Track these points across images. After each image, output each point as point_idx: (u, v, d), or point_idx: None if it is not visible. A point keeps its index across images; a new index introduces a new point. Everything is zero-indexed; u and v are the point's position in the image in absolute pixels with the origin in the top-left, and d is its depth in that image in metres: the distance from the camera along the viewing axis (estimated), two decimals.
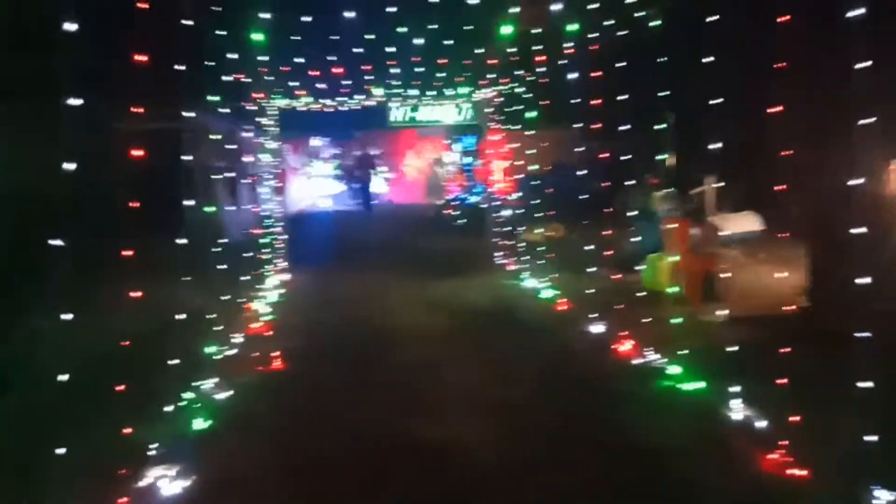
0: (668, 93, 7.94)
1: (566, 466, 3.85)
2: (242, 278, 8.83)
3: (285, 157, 21.14)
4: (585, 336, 6.60)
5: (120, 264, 4.64)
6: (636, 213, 9.45)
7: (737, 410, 4.44)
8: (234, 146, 13.73)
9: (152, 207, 5.19)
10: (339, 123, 20.83)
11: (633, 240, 9.54)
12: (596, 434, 4.25)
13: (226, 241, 12.41)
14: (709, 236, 8.63)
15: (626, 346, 6.04)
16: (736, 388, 4.53)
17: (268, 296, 9.08)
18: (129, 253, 4.59)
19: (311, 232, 15.56)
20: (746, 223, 10.26)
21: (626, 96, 8.44)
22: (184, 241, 5.87)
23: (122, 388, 4.29)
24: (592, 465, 3.85)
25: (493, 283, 9.49)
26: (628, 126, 9.43)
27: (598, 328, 6.75)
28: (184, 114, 10.43)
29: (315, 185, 23.47)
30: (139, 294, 4.89)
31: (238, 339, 6.78)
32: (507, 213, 12.71)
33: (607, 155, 14.05)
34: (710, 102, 6.49)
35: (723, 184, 10.35)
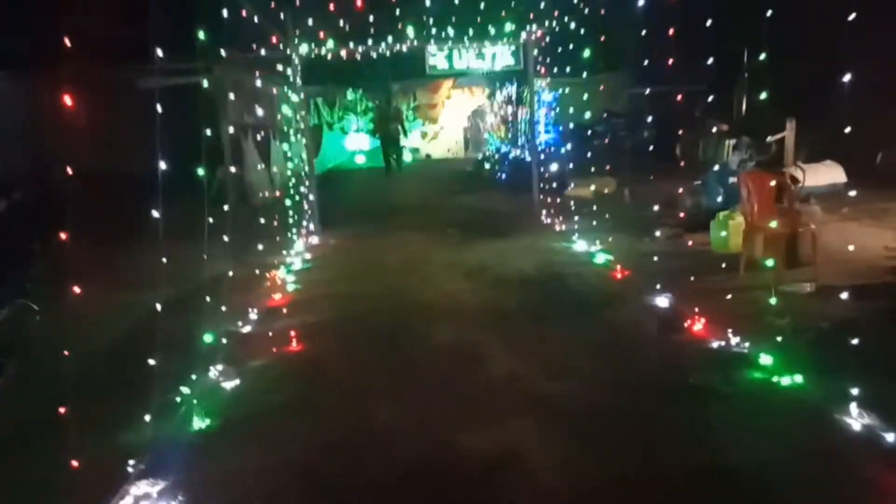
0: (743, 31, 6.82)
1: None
2: (263, 246, 8.16)
3: (312, 110, 20.33)
4: (650, 312, 5.68)
5: (139, 230, 4.46)
6: (703, 164, 8.33)
7: (855, 416, 3.54)
8: (259, 100, 13.01)
9: (176, 171, 4.89)
10: (372, 74, 19.84)
11: (698, 195, 8.46)
12: (683, 452, 3.41)
13: (254, 203, 11.80)
14: (791, 189, 7.52)
15: (699, 326, 5.12)
16: (848, 385, 3.63)
17: (293, 263, 8.40)
18: (153, 216, 4.37)
19: (343, 191, 14.82)
20: (829, 174, 9.03)
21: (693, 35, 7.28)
22: (207, 206, 5.28)
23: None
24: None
25: (541, 246, 8.57)
26: (699, 65, 8.35)
27: (663, 301, 5.83)
28: (206, 65, 9.73)
29: (348, 141, 22.64)
30: (151, 264, 4.55)
31: (254, 314, 6.12)
32: (553, 167, 11.69)
33: (674, 99, 12.83)
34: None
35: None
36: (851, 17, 5.38)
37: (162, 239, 4.36)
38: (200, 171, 5.76)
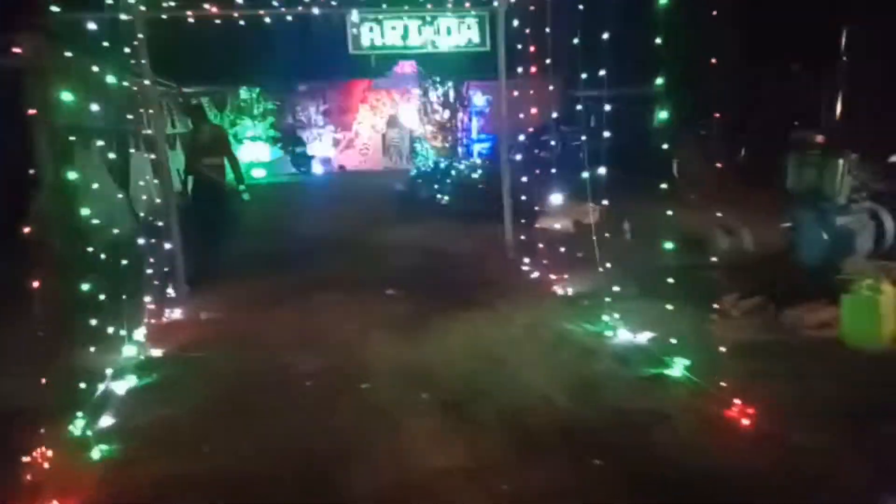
0: None
1: None
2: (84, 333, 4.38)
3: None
4: None
5: None
6: (797, 195, 5.40)
7: None
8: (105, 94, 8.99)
9: None
10: (270, 66, 16.00)
11: (794, 239, 5.49)
12: None
13: (90, 247, 7.64)
14: None
15: None
16: None
17: (121, 379, 4.63)
18: None
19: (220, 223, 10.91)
20: None
21: None
22: None
23: None
24: None
25: (551, 331, 5.23)
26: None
27: None
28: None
29: (242, 152, 18.60)
30: None
31: None
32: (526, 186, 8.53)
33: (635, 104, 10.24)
34: None
35: None
36: None
37: None
38: None
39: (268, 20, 6.57)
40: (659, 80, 4.76)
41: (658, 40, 4.66)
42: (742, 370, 4.11)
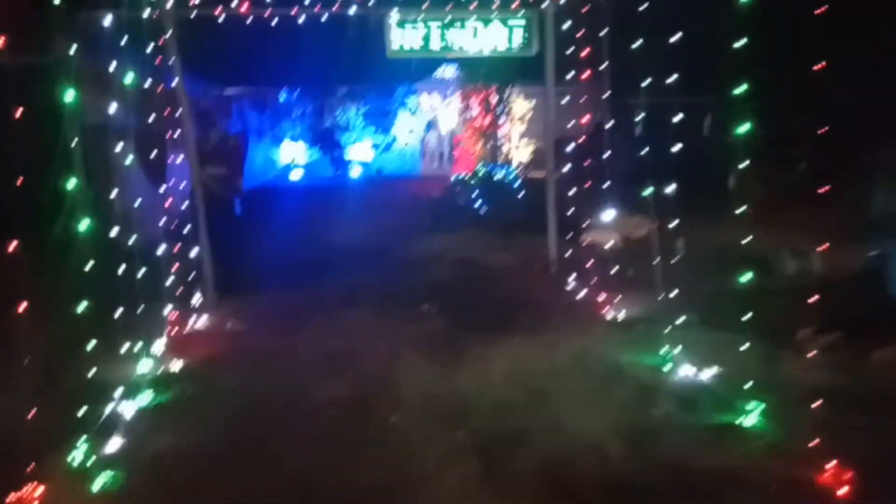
0: None
1: None
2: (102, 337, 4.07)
3: (236, 115, 16.12)
4: None
5: None
6: (885, 220, 4.79)
7: None
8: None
9: None
10: (310, 66, 15.84)
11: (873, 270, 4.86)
12: None
13: (124, 248, 7.43)
14: None
15: None
16: None
17: (135, 395, 4.31)
18: None
19: (267, 223, 10.65)
20: None
21: None
22: None
23: None
24: None
25: (598, 363, 4.72)
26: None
27: None
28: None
29: (280, 152, 18.48)
30: None
31: None
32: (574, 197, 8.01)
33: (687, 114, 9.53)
34: None
35: None
36: None
37: None
38: None
39: (301, 20, 6.21)
40: (740, 88, 4.20)
41: (738, 43, 4.11)
42: (829, 421, 3.54)
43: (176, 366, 4.96)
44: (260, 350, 5.29)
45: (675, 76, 6.22)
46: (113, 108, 8.44)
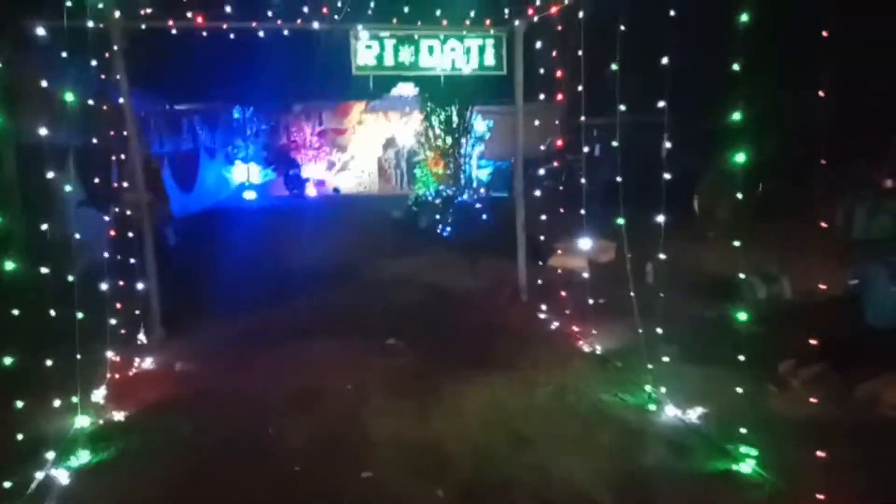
0: None
1: None
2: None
3: (186, 132, 15.50)
4: None
5: None
6: (865, 246, 4.72)
7: None
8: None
9: None
10: (266, 83, 15.36)
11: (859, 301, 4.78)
12: None
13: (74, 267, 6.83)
14: None
15: None
16: None
17: (69, 451, 3.83)
18: None
19: (216, 246, 10.12)
20: None
21: None
22: None
23: None
24: None
25: (580, 401, 4.48)
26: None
27: None
28: None
29: (234, 172, 17.85)
30: None
31: None
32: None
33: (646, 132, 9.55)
34: None
35: None
36: None
37: None
38: None
39: (261, 34, 5.86)
40: (735, 116, 4.06)
41: (735, 66, 3.97)
42: (823, 462, 3.38)
43: (119, 415, 4.48)
44: (212, 393, 4.85)
45: (637, 94, 6.13)
46: (52, 126, 7.87)
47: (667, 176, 5.59)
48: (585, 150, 6.02)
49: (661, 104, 5.11)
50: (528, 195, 7.61)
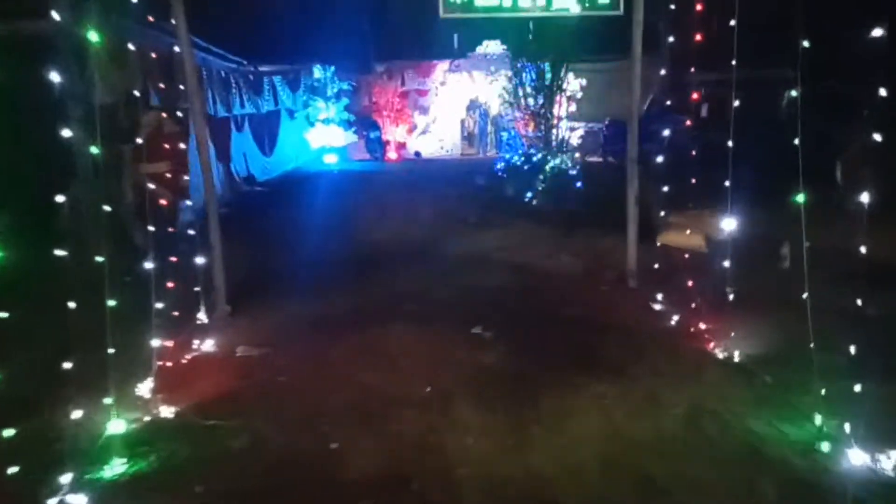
0: None
1: None
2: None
3: (268, 92, 15.05)
4: None
5: None
6: None
7: None
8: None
9: None
10: (346, 39, 14.68)
11: None
12: None
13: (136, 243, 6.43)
14: None
15: None
16: None
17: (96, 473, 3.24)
18: None
19: (295, 216, 9.57)
20: None
21: None
22: None
23: None
24: None
25: (720, 438, 3.44)
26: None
27: None
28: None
29: (313, 135, 17.37)
30: None
31: None
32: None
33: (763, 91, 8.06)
34: None
35: None
36: None
37: None
38: None
39: None
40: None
41: None
42: None
43: (167, 410, 3.90)
44: (273, 389, 4.20)
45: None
46: (124, 83, 7.38)
47: (796, 141, 4.37)
48: (736, 104, 4.76)
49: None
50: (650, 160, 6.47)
